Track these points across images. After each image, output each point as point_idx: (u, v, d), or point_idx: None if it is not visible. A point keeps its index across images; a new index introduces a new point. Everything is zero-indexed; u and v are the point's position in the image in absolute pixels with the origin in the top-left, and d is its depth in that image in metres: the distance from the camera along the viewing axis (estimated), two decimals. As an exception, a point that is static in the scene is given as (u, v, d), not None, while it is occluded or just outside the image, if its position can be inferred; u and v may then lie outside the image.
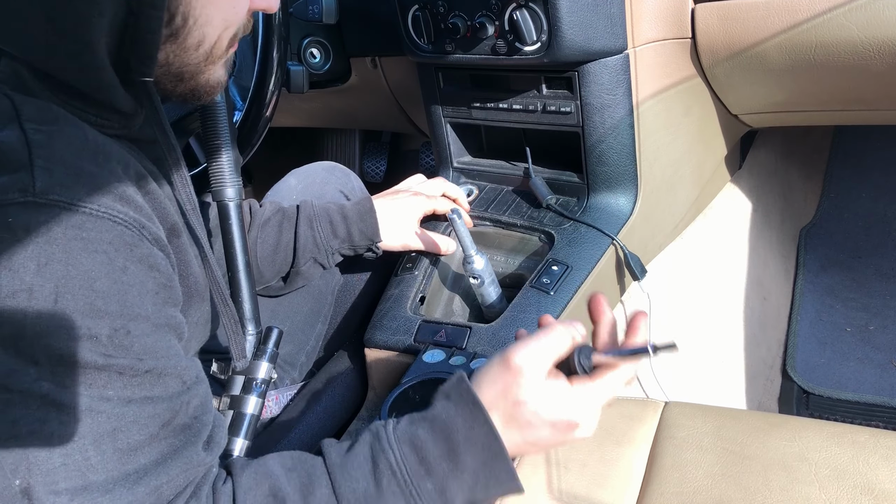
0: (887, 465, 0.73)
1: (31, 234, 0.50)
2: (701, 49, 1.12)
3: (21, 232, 0.50)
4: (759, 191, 1.60)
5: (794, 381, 1.49)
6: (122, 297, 0.56)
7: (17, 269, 0.50)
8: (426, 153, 2.12)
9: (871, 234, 1.71)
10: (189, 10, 0.62)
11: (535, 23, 1.00)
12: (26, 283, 0.50)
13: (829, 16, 1.01)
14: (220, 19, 0.65)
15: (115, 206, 0.57)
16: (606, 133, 1.10)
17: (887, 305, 1.58)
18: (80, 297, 0.53)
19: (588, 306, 0.71)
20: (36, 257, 0.51)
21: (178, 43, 0.64)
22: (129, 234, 0.58)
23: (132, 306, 0.56)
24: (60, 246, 0.52)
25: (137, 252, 0.58)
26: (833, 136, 1.88)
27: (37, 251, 0.51)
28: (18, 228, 0.50)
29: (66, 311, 0.52)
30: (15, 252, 0.50)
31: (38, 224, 0.51)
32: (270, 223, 1.05)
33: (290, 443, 1.04)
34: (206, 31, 0.65)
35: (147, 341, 0.57)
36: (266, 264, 1.05)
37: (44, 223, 0.51)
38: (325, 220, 1.06)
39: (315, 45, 1.35)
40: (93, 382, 0.54)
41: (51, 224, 0.52)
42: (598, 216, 1.15)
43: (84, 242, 0.53)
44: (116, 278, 0.55)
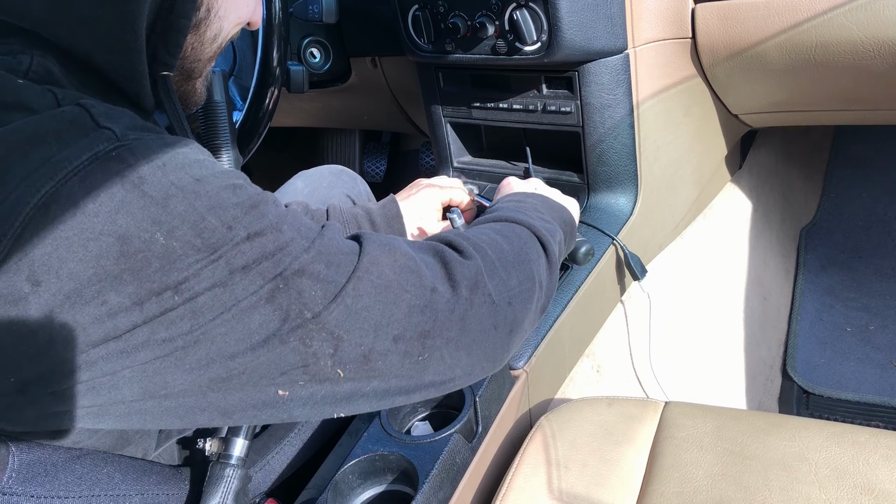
0: (887, 465, 0.73)
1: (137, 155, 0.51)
2: (701, 49, 1.12)
3: (131, 158, 0.51)
4: (759, 191, 1.60)
5: (794, 381, 1.49)
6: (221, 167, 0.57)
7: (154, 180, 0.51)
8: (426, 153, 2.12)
9: (871, 234, 1.71)
10: (212, 2, 0.65)
11: (535, 23, 1.00)
12: (167, 182, 0.51)
13: (830, 16, 1.01)
14: (235, 15, 0.68)
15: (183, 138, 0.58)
16: (606, 133, 1.10)
17: (887, 305, 1.58)
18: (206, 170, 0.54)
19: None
20: (155, 165, 0.52)
21: (198, 35, 0.66)
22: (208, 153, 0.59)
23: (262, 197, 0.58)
24: (163, 150, 0.53)
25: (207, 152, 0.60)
26: (833, 136, 1.88)
27: (151, 160, 0.52)
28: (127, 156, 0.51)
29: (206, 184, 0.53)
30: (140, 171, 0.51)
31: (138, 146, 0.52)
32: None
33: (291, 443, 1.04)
34: (223, 24, 0.68)
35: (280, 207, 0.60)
36: None
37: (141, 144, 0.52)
38: (353, 228, 1.05)
39: (315, 45, 1.35)
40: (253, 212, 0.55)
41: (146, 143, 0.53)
42: (599, 216, 1.15)
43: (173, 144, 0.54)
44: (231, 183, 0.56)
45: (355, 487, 0.84)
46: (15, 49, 0.58)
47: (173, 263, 0.50)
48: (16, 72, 0.57)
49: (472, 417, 0.87)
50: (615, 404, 0.89)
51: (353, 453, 0.84)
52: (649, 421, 0.86)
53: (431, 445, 0.82)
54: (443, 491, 0.80)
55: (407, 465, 0.81)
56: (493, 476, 0.89)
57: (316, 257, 0.56)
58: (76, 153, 0.50)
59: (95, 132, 0.52)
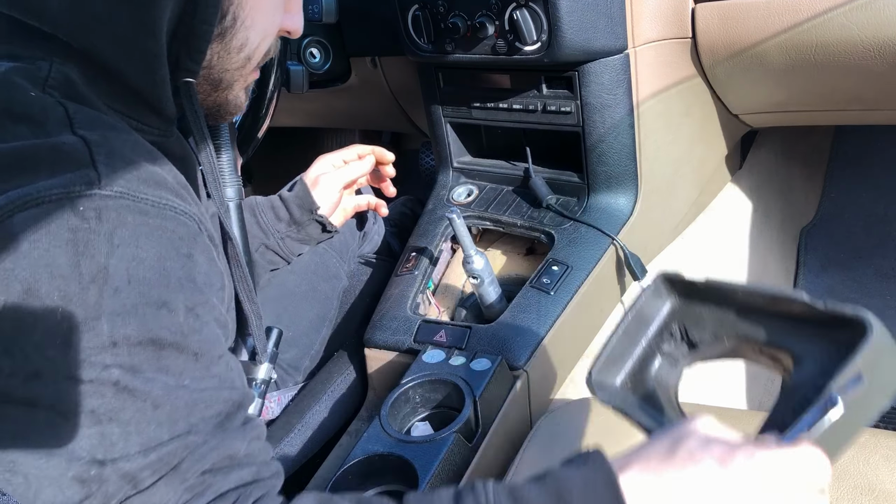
0: (888, 465, 0.73)
1: (101, 220, 0.52)
2: (701, 49, 1.12)
3: (93, 220, 0.51)
4: (760, 191, 1.60)
5: (795, 381, 1.48)
6: (191, 278, 0.57)
7: (93, 254, 0.51)
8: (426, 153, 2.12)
9: (871, 234, 1.71)
10: (238, 11, 0.65)
11: (535, 22, 1.00)
12: (101, 265, 0.51)
13: (830, 16, 1.01)
14: (262, 26, 0.68)
15: (175, 200, 0.58)
16: (606, 133, 1.10)
17: (887, 305, 1.57)
18: (153, 274, 0.54)
19: None
20: (109, 240, 0.52)
21: (224, 44, 0.66)
22: (191, 225, 0.59)
23: (202, 288, 0.57)
24: (130, 230, 0.53)
25: (200, 242, 0.60)
26: (833, 136, 1.88)
27: (109, 234, 0.52)
28: (90, 216, 0.51)
29: (141, 287, 0.53)
30: (90, 238, 0.51)
31: (108, 209, 0.52)
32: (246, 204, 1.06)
33: (290, 443, 1.04)
34: (250, 34, 0.67)
35: (212, 329, 0.58)
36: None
37: (113, 209, 0.52)
38: (266, 207, 1.07)
39: (315, 45, 1.35)
40: (170, 367, 0.54)
41: (120, 209, 0.53)
42: (599, 216, 1.15)
43: (150, 228, 0.54)
44: (184, 263, 0.56)
45: (355, 488, 0.83)
46: (36, 55, 0.58)
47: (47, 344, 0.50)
48: (34, 79, 0.57)
49: (472, 418, 0.87)
50: (615, 404, 0.89)
51: (353, 454, 0.84)
52: (649, 421, 0.85)
53: (431, 446, 0.82)
54: (443, 491, 0.80)
55: (407, 466, 0.81)
56: (493, 476, 0.88)
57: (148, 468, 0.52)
58: (50, 185, 0.51)
59: (85, 169, 0.53)
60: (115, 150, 0.56)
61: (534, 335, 0.99)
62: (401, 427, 0.91)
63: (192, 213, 0.60)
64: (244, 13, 0.65)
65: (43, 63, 0.58)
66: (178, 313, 0.55)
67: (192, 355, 0.55)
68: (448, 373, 0.93)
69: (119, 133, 0.59)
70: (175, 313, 0.54)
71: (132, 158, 0.57)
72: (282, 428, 1.05)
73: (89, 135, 0.55)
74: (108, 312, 0.51)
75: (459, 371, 0.92)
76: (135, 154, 0.58)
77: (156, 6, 0.58)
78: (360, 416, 1.10)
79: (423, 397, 0.93)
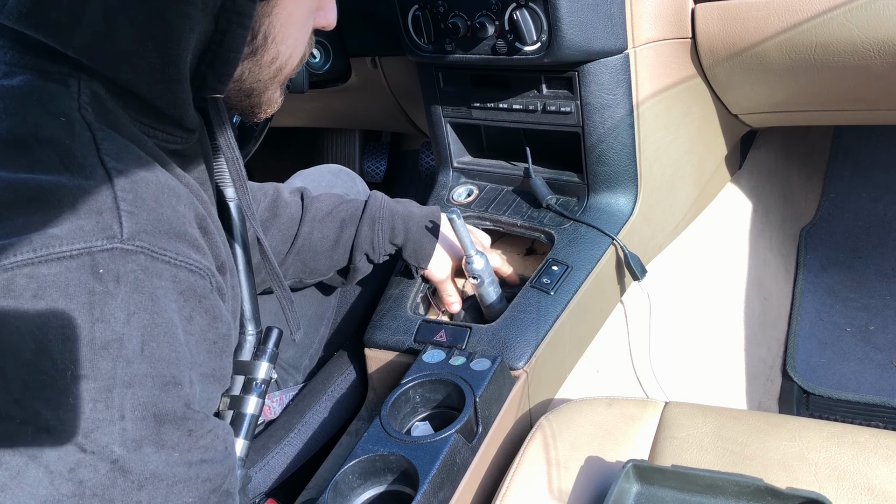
0: (887, 465, 0.73)
1: (120, 284, 0.51)
2: (701, 49, 1.12)
3: (111, 283, 0.51)
4: (759, 191, 1.60)
5: (794, 381, 1.49)
6: (189, 346, 0.57)
7: (109, 320, 0.51)
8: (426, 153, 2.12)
9: (871, 234, 1.71)
10: (269, 30, 0.64)
11: (535, 23, 1.00)
12: (117, 333, 0.51)
13: (830, 16, 1.01)
14: (294, 37, 0.68)
15: (191, 253, 0.58)
16: (606, 133, 1.10)
17: (887, 305, 1.57)
18: (164, 344, 0.54)
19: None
20: (125, 307, 0.52)
21: (255, 60, 0.66)
22: (202, 283, 0.59)
23: (194, 355, 0.58)
24: (146, 294, 0.53)
25: (206, 303, 0.59)
26: (833, 136, 1.88)
27: (126, 300, 0.52)
28: (109, 280, 0.51)
29: (153, 360, 0.53)
30: (106, 303, 0.51)
31: (127, 273, 0.52)
32: (332, 217, 1.05)
33: (290, 443, 1.04)
34: (281, 48, 0.67)
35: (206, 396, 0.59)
36: (323, 259, 1.04)
37: (131, 272, 0.52)
38: (387, 226, 1.05)
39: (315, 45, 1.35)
40: (166, 442, 0.54)
41: (137, 272, 0.53)
42: (598, 216, 1.15)
43: (164, 291, 0.54)
44: (184, 328, 0.56)
45: (355, 488, 0.84)
46: (64, 71, 0.58)
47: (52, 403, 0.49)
48: (66, 98, 0.57)
49: (473, 418, 0.87)
50: (615, 404, 0.89)
51: (354, 453, 0.84)
52: (649, 421, 0.86)
53: (432, 446, 0.82)
54: (443, 491, 0.80)
55: (407, 466, 0.81)
56: (494, 476, 0.89)
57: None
58: (72, 236, 0.51)
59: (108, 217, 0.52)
60: (139, 196, 0.55)
61: (534, 335, 0.99)
62: (401, 427, 0.91)
63: (205, 268, 0.60)
64: (275, 30, 0.65)
65: (72, 80, 0.58)
66: (184, 386, 0.55)
67: (187, 431, 0.55)
68: (448, 373, 0.93)
69: (144, 166, 0.59)
70: (181, 386, 0.55)
71: (154, 206, 0.56)
72: (282, 428, 1.05)
73: (116, 169, 0.55)
74: (120, 384, 0.51)
75: (460, 371, 0.92)
76: (157, 200, 0.57)
77: (182, 40, 0.58)
78: (361, 415, 1.10)
79: (423, 397, 0.93)
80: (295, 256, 1.03)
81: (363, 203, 1.06)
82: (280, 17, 0.65)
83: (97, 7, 0.56)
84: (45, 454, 0.50)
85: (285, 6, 0.65)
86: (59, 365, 0.49)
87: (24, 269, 0.49)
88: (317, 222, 1.04)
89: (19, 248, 0.50)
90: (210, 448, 0.57)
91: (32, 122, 0.55)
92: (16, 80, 0.57)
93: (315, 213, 1.04)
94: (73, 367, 0.50)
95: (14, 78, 0.57)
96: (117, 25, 0.56)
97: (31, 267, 0.49)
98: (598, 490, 0.78)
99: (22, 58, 0.58)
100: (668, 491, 0.73)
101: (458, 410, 0.88)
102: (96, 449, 0.51)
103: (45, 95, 0.57)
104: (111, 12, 0.56)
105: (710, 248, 1.41)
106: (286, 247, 1.03)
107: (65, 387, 0.50)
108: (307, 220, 1.03)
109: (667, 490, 0.73)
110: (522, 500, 0.78)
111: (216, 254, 0.68)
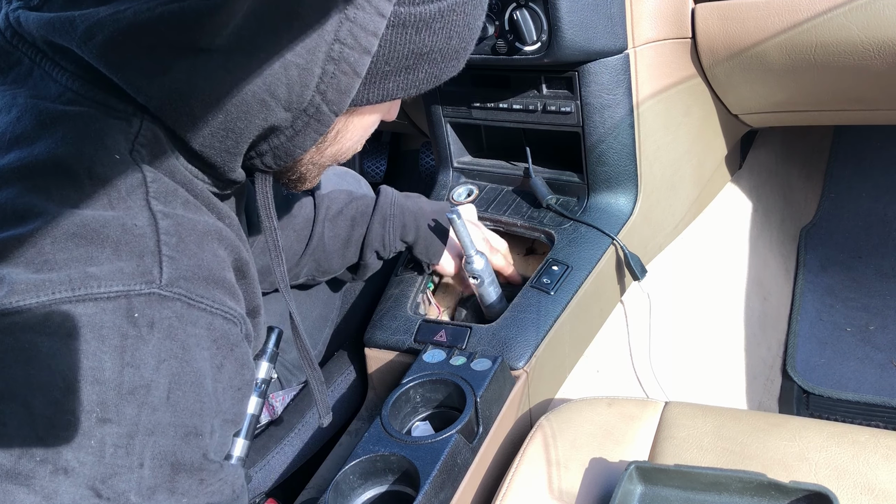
0: (887, 465, 0.73)
1: (153, 330, 0.51)
2: (701, 49, 1.12)
3: (145, 328, 0.51)
4: (759, 191, 1.60)
5: (794, 381, 1.49)
6: (216, 395, 0.57)
7: (139, 366, 0.51)
8: (426, 153, 2.12)
9: (871, 234, 1.71)
10: (343, 131, 0.66)
11: (535, 23, 1.00)
12: (145, 379, 0.51)
13: (829, 16, 1.01)
14: (360, 137, 0.69)
15: (226, 301, 0.58)
16: (606, 133, 1.11)
17: (887, 305, 1.58)
18: (190, 394, 0.54)
19: None
20: (157, 353, 0.52)
21: (320, 151, 0.67)
22: (235, 332, 0.59)
23: (220, 403, 0.58)
24: (179, 342, 0.53)
25: (237, 352, 0.60)
26: (833, 136, 1.88)
27: (157, 347, 0.52)
28: (143, 325, 0.51)
29: (177, 410, 0.53)
30: (138, 348, 0.51)
31: (161, 319, 0.52)
32: (343, 216, 1.05)
33: (291, 443, 1.04)
34: (346, 145, 0.68)
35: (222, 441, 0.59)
36: (335, 257, 1.05)
37: (166, 318, 0.52)
38: (398, 223, 1.06)
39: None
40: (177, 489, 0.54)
41: (172, 319, 0.53)
42: (598, 216, 1.15)
43: (197, 339, 0.54)
44: (214, 376, 0.56)
45: (356, 488, 0.84)
46: (129, 110, 0.58)
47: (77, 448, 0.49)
48: (124, 136, 0.57)
49: (473, 418, 0.87)
50: (615, 404, 0.89)
51: (354, 454, 0.84)
52: (649, 421, 0.86)
53: (432, 446, 0.82)
54: (444, 491, 0.80)
55: (408, 466, 0.81)
56: (494, 476, 0.89)
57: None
58: (112, 277, 0.51)
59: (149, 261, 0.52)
60: (183, 240, 0.55)
61: (534, 335, 0.99)
62: (402, 427, 0.91)
63: (239, 316, 0.60)
64: (348, 131, 0.66)
65: (135, 119, 0.58)
66: (205, 437, 0.55)
67: (199, 480, 0.55)
68: (449, 373, 0.93)
69: (190, 209, 0.59)
70: (201, 437, 0.55)
71: (196, 252, 0.56)
72: (282, 428, 1.05)
73: (161, 213, 0.55)
74: (143, 432, 0.51)
75: (460, 371, 0.93)
76: (199, 245, 0.57)
77: (253, 126, 0.58)
78: (361, 415, 1.10)
79: (423, 397, 0.93)
80: (309, 256, 1.03)
81: (374, 200, 1.07)
82: (354, 122, 0.66)
83: (183, 71, 0.55)
84: (61, 496, 0.49)
85: (363, 113, 0.66)
86: (85, 406, 0.49)
87: (61, 307, 0.49)
88: (328, 221, 1.04)
89: (58, 285, 0.49)
90: (217, 493, 0.57)
91: (88, 156, 0.55)
92: (78, 109, 0.57)
93: (327, 212, 1.05)
94: (98, 410, 0.49)
95: (77, 106, 0.57)
96: (196, 94, 0.56)
97: (68, 305, 0.49)
98: (599, 490, 0.78)
99: (90, 89, 0.58)
100: (671, 490, 0.73)
101: (458, 410, 0.88)
102: (112, 496, 0.50)
103: (104, 130, 0.56)
104: (195, 81, 0.55)
105: (710, 248, 1.41)
106: (301, 247, 1.03)
107: (89, 429, 0.49)
108: (320, 220, 1.04)
109: (670, 489, 0.74)
110: (522, 500, 0.78)
111: (251, 298, 0.68)
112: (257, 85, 0.55)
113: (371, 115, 0.68)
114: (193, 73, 0.55)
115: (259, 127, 0.59)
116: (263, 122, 0.58)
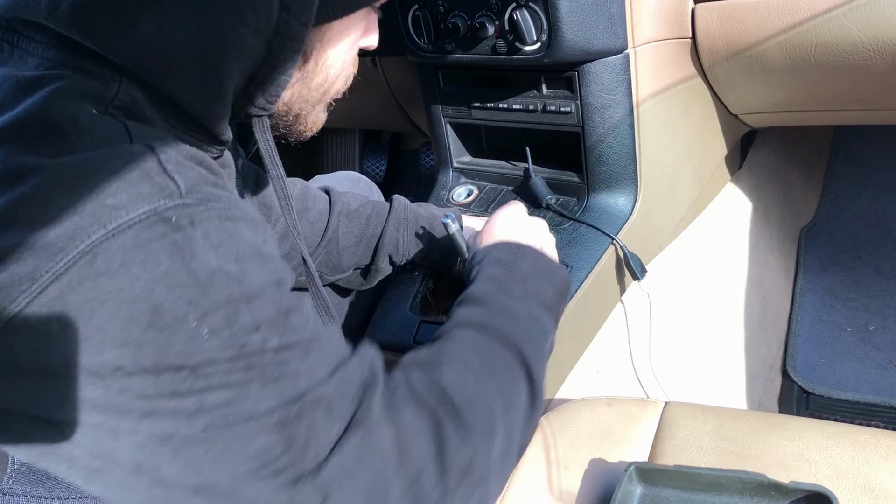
0: (887, 465, 0.73)
1: (196, 226, 0.52)
2: (701, 49, 1.12)
3: (188, 227, 0.51)
4: (759, 191, 1.60)
5: (794, 381, 1.49)
6: (274, 260, 0.58)
7: (202, 257, 0.51)
8: (426, 153, 2.12)
9: (871, 234, 1.72)
10: (320, 53, 0.66)
11: (535, 23, 1.00)
12: (214, 266, 0.52)
13: (829, 16, 1.01)
14: (342, 61, 0.70)
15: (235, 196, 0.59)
16: (606, 133, 1.11)
17: (887, 305, 1.58)
18: (256, 260, 0.55)
19: None
20: (209, 241, 0.52)
21: (304, 83, 0.68)
22: (260, 217, 0.60)
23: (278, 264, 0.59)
24: (223, 227, 0.54)
25: (269, 230, 0.61)
26: (833, 136, 1.88)
27: (206, 235, 0.52)
28: (185, 224, 0.51)
29: (252, 273, 0.54)
30: (191, 241, 0.51)
31: (198, 215, 0.53)
32: (359, 214, 1.06)
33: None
34: (330, 72, 0.69)
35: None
36: (347, 254, 1.05)
37: (202, 213, 0.53)
38: (412, 228, 1.06)
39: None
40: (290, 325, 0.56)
41: (208, 212, 0.53)
42: (598, 216, 1.15)
43: (235, 222, 0.55)
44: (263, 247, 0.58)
45: None
46: (106, 74, 0.58)
47: (196, 348, 0.50)
48: (101, 98, 0.57)
49: (472, 417, 0.87)
50: (615, 404, 0.89)
51: None
52: (649, 421, 0.86)
53: (431, 445, 0.82)
54: (443, 491, 0.80)
55: (407, 466, 0.81)
56: (493, 476, 0.89)
57: (335, 389, 0.55)
58: (134, 202, 0.50)
59: (160, 179, 0.52)
60: (179, 159, 0.56)
61: (534, 335, 0.99)
62: (401, 427, 0.91)
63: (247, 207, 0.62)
64: (326, 54, 0.67)
65: (112, 83, 0.58)
66: (286, 283, 0.57)
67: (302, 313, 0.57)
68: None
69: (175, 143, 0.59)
70: (284, 285, 0.57)
71: (193, 165, 0.57)
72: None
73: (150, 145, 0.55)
74: (244, 300, 0.52)
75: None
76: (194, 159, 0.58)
77: (230, 60, 0.59)
78: (361, 415, 1.10)
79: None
80: (322, 250, 1.04)
81: (388, 204, 1.08)
82: (331, 42, 0.67)
83: (150, 21, 0.56)
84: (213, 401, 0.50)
85: (337, 32, 0.67)
86: (177, 313, 0.49)
87: (99, 248, 0.48)
88: (344, 216, 1.05)
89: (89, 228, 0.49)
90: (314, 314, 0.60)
91: (70, 111, 0.55)
92: (56, 72, 0.57)
93: (342, 209, 1.06)
94: (191, 310, 0.50)
95: (55, 71, 0.57)
96: (168, 40, 0.57)
97: (106, 243, 0.49)
98: (599, 490, 0.78)
99: (66, 56, 0.58)
100: (671, 491, 0.74)
101: (458, 410, 0.88)
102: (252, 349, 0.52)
103: (85, 90, 0.57)
104: (164, 27, 0.56)
105: (710, 248, 1.41)
106: (316, 239, 1.04)
107: (196, 330, 0.50)
108: (335, 214, 1.05)
109: (670, 490, 0.74)
110: (522, 500, 0.78)
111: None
112: (226, 16, 0.56)
113: (346, 35, 0.69)
114: (161, 18, 0.56)
115: (236, 60, 0.59)
116: (240, 54, 0.59)
